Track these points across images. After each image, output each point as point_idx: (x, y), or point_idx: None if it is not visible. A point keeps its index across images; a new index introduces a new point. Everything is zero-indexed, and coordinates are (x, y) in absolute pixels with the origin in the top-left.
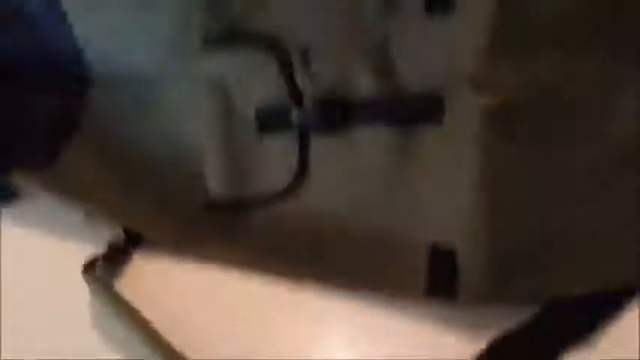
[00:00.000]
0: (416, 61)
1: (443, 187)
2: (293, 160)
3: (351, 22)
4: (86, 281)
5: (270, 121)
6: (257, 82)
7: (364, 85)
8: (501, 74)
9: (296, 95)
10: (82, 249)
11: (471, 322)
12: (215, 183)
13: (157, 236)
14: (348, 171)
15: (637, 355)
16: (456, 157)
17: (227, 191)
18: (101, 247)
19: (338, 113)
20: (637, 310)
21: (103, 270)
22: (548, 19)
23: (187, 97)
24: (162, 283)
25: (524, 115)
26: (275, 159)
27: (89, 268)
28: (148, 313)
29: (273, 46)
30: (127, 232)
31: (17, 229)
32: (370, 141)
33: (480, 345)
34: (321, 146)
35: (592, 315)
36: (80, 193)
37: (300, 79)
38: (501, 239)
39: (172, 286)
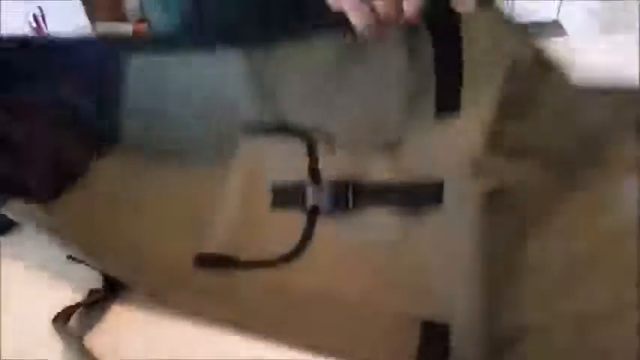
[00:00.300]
0: (424, 152)
1: (441, 265)
2: (297, 234)
3: (373, 121)
4: (56, 330)
5: (283, 197)
6: (281, 162)
7: (376, 172)
8: (497, 165)
9: (315, 176)
10: (64, 290)
11: None
12: (215, 240)
13: (142, 286)
14: (349, 249)
15: None
16: (454, 237)
17: (224, 251)
18: (81, 291)
19: (350, 195)
20: None
21: (80, 318)
22: (545, 129)
23: (211, 167)
24: (138, 334)
25: (516, 201)
26: (280, 230)
27: (62, 316)
28: None
29: (303, 135)
30: (108, 280)
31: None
32: (374, 222)
33: None
34: (326, 224)
35: None
36: (71, 235)
37: (321, 163)
38: (496, 320)
39: (147, 338)
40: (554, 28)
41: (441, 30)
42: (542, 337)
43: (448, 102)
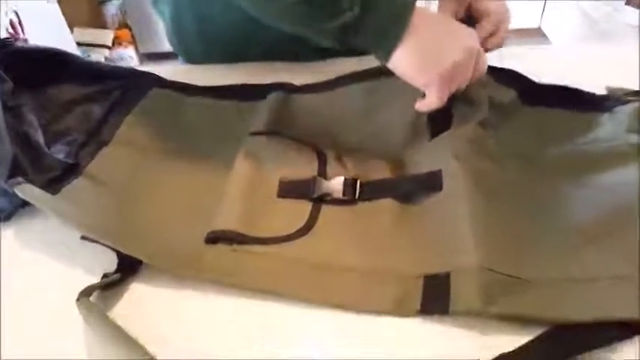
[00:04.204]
0: (422, 160)
1: (440, 231)
2: (303, 218)
3: (379, 144)
4: (79, 309)
5: (290, 188)
6: (289, 160)
7: (380, 173)
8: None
9: (324, 173)
10: (80, 269)
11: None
12: (223, 222)
13: (158, 263)
14: (353, 227)
15: None
16: (451, 209)
17: (233, 229)
18: (99, 268)
19: (357, 187)
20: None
21: (99, 297)
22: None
23: (222, 156)
24: (159, 308)
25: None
26: (286, 214)
27: (83, 295)
28: (143, 339)
29: (313, 146)
30: (123, 259)
31: (19, 245)
32: (377, 209)
33: None
34: (332, 210)
35: (589, 342)
36: (83, 219)
37: (330, 165)
38: (492, 270)
39: (168, 311)
40: (538, 36)
41: None
42: (544, 291)
43: (440, 131)
